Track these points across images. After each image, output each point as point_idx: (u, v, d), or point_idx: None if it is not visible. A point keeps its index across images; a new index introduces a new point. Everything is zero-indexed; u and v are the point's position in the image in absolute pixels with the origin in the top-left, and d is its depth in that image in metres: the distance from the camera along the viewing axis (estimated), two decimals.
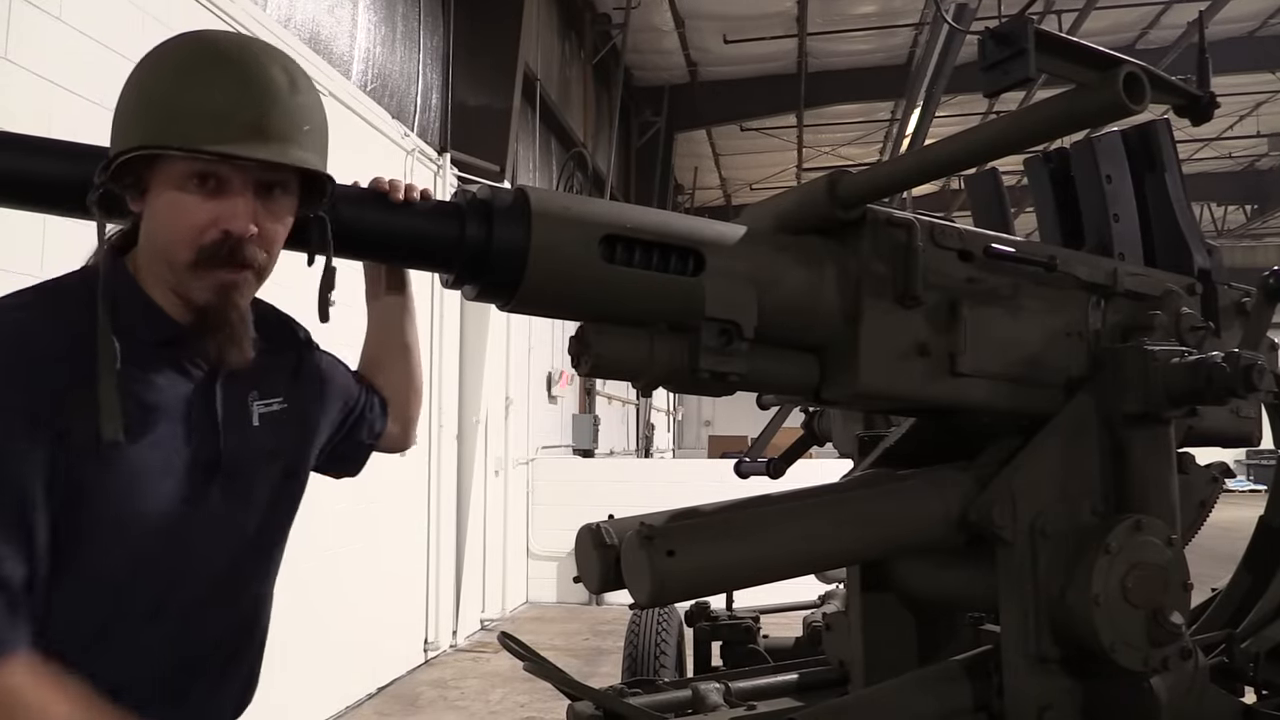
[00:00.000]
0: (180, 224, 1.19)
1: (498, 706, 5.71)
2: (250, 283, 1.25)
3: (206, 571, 1.29)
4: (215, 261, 1.20)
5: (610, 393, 13.44)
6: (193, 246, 1.19)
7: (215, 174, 1.18)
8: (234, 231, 1.19)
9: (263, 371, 1.36)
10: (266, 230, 1.22)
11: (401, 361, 1.68)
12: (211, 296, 1.22)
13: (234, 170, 1.18)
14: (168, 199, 1.19)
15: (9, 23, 3.17)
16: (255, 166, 1.18)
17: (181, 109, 1.15)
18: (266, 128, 1.17)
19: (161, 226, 1.21)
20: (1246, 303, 1.73)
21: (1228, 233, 21.02)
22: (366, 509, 5.78)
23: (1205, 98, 1.25)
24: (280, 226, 1.24)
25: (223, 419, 1.30)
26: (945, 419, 1.55)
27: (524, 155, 9.40)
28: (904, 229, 1.34)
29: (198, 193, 1.18)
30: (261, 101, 1.18)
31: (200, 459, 1.27)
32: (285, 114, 1.20)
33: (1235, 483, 17.53)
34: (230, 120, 1.15)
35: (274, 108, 1.19)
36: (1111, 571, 1.30)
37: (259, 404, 1.37)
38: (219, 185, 1.18)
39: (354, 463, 1.65)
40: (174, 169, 1.18)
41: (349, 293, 1.64)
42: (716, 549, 1.25)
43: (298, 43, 5.22)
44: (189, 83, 1.17)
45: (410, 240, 1.24)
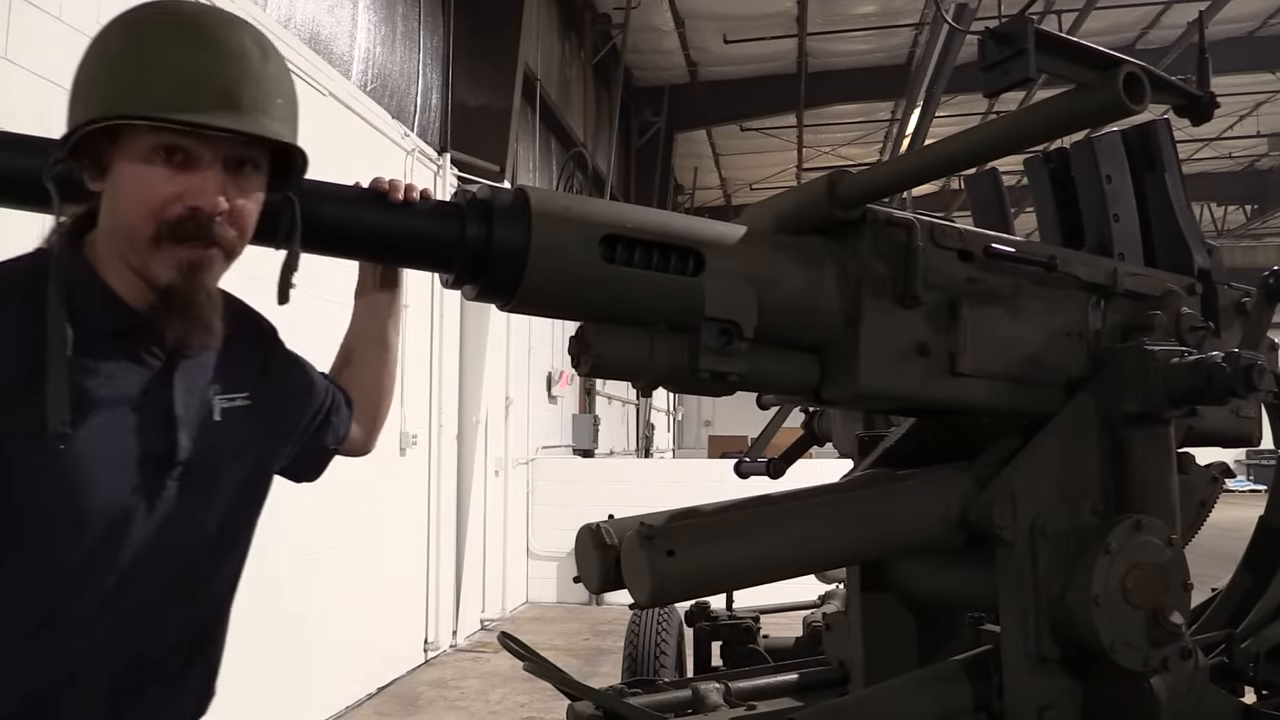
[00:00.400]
0: (144, 198, 1.12)
1: (498, 706, 5.71)
2: (219, 262, 1.17)
3: (163, 568, 1.23)
4: (180, 238, 1.13)
5: (610, 393, 13.44)
6: (155, 220, 1.12)
7: (183, 147, 1.11)
8: (203, 207, 1.12)
9: (227, 366, 1.31)
10: (236, 207, 1.15)
11: (377, 360, 1.63)
12: (176, 275, 1.14)
13: (204, 143, 1.11)
14: (131, 173, 1.12)
15: (9, 23, 3.17)
16: (226, 140, 1.12)
17: (148, 77, 1.08)
18: (238, 98, 1.11)
19: (124, 201, 1.14)
20: (1246, 303, 1.73)
21: (1228, 233, 21.02)
22: (367, 509, 5.78)
23: (1205, 98, 1.25)
24: (251, 204, 1.17)
25: (180, 412, 1.24)
26: (945, 419, 1.55)
27: (524, 155, 9.40)
28: (904, 229, 1.34)
29: (164, 166, 1.11)
30: (233, 70, 1.11)
31: (155, 452, 1.21)
32: (257, 84, 1.13)
33: (1235, 483, 17.53)
34: (200, 89, 1.09)
35: (245, 77, 1.12)
36: (1111, 571, 1.30)
37: (221, 398, 1.30)
38: (187, 159, 1.12)
39: (315, 467, 1.58)
40: (139, 141, 1.11)
41: (341, 291, 1.64)
42: (716, 549, 1.25)
43: (298, 43, 5.22)
44: (154, 50, 1.10)
45: (410, 240, 1.24)
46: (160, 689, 1.28)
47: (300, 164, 1.19)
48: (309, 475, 1.59)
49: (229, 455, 1.30)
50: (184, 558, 1.26)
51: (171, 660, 1.29)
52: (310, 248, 1.27)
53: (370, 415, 1.64)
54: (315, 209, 1.22)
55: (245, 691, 4.35)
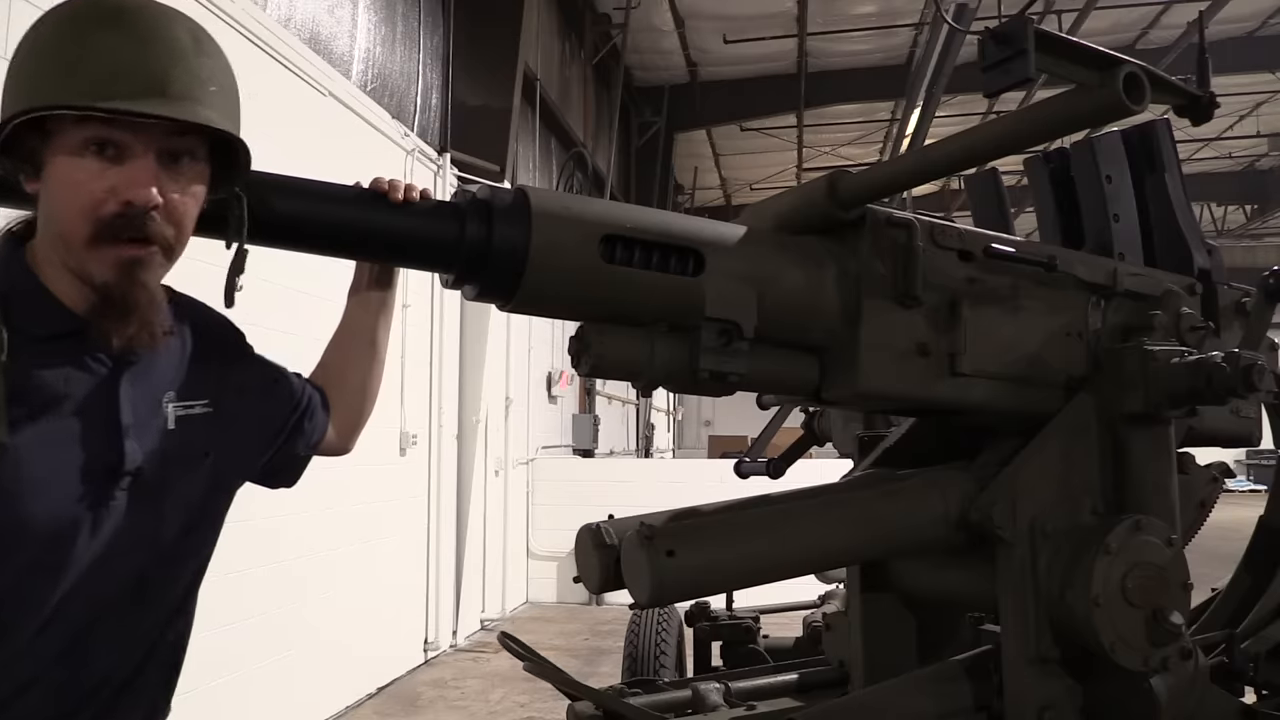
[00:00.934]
0: (76, 195, 1.08)
1: (498, 706, 5.71)
2: (157, 260, 1.13)
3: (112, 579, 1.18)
4: (115, 236, 1.09)
5: (610, 393, 13.44)
6: (90, 219, 1.08)
7: (113, 140, 1.07)
8: (135, 202, 1.08)
9: (184, 372, 1.27)
10: (172, 202, 1.11)
11: (363, 360, 1.59)
12: (111, 275, 1.10)
13: (134, 135, 1.08)
14: (63, 170, 1.09)
15: (9, 23, 3.17)
16: (158, 131, 1.08)
17: (72, 68, 1.05)
18: (167, 86, 1.07)
19: (57, 201, 1.10)
20: (1246, 303, 1.73)
21: (1228, 233, 21.01)
22: (366, 509, 5.78)
23: (1205, 98, 1.25)
24: (188, 199, 1.13)
25: (127, 419, 1.19)
26: (945, 419, 1.55)
27: (524, 155, 9.40)
28: (904, 229, 1.34)
29: (95, 160, 1.08)
30: (160, 57, 1.08)
31: (101, 461, 1.16)
32: (188, 72, 1.09)
33: (1235, 483, 17.52)
34: (126, 76, 1.05)
35: (175, 65, 1.08)
36: (1111, 571, 1.30)
37: (176, 405, 1.26)
38: (118, 152, 1.08)
39: (289, 473, 1.53)
40: (69, 138, 1.08)
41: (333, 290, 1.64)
42: (716, 549, 1.25)
43: (298, 43, 5.22)
44: (82, 41, 1.07)
45: (410, 240, 1.24)
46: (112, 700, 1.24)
47: (243, 157, 1.15)
48: (284, 482, 1.54)
49: (183, 464, 1.26)
50: (134, 568, 1.21)
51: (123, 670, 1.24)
52: (310, 248, 1.27)
53: (351, 416, 1.60)
54: (315, 209, 1.22)
55: (245, 691, 4.35)
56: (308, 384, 1.54)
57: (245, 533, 1.42)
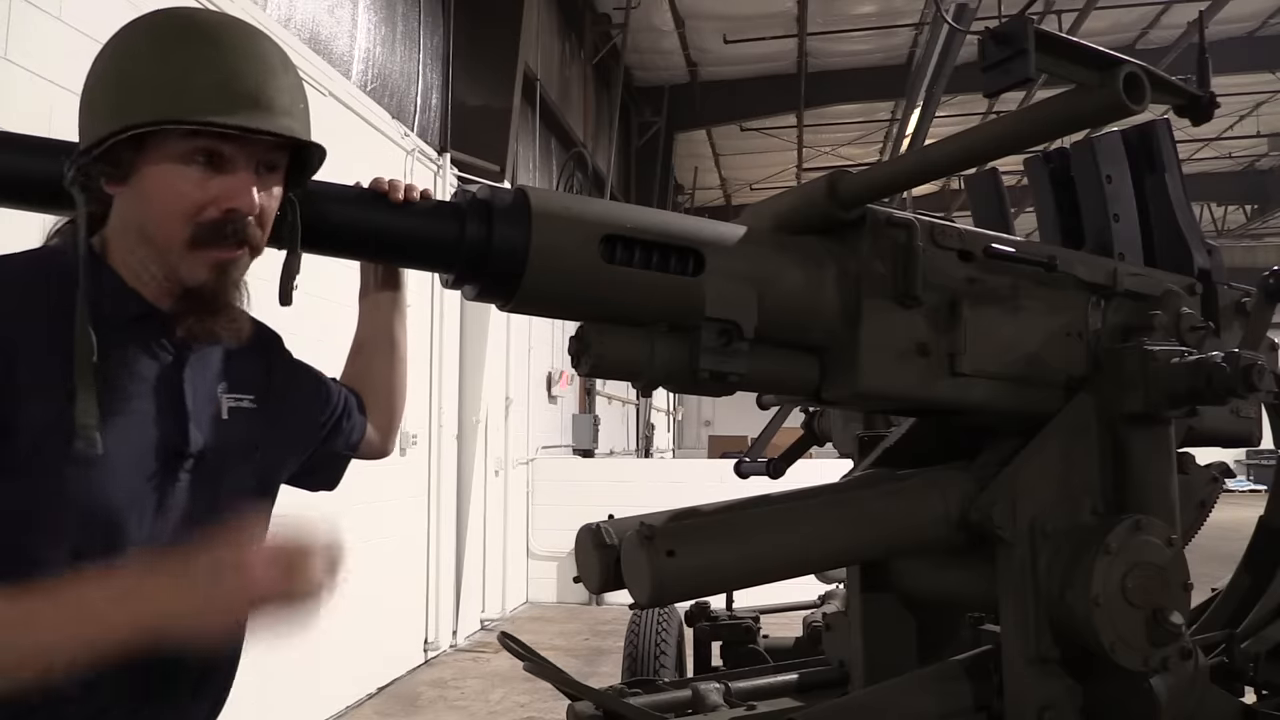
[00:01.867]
0: (179, 201, 1.14)
1: (498, 706, 5.71)
2: (246, 260, 1.21)
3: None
4: (213, 240, 1.15)
5: (610, 393, 13.44)
6: (190, 223, 1.14)
7: (218, 150, 1.13)
8: (240, 209, 1.14)
9: (234, 367, 1.32)
10: (264, 207, 1.18)
11: (386, 359, 1.63)
12: (207, 275, 1.17)
13: (238, 147, 1.13)
14: (164, 177, 1.13)
15: (9, 23, 3.17)
16: (260, 145, 1.14)
17: (181, 82, 1.10)
18: (271, 101, 1.14)
19: (156, 206, 1.15)
20: (1246, 303, 1.73)
21: (1228, 233, 21.01)
22: (367, 509, 5.78)
23: (1205, 98, 1.25)
24: (275, 205, 1.20)
25: (191, 404, 1.24)
26: (945, 419, 1.55)
27: (524, 155, 9.40)
28: (904, 229, 1.34)
29: (199, 169, 1.13)
30: (261, 74, 1.14)
31: (168, 442, 1.21)
32: (283, 89, 1.17)
33: (1235, 483, 17.54)
34: (234, 92, 1.11)
35: (271, 81, 1.15)
36: (1111, 571, 1.30)
37: (228, 397, 1.31)
38: (222, 162, 1.14)
39: (331, 474, 1.58)
40: (171, 146, 1.12)
41: (345, 293, 1.64)
42: (716, 549, 1.25)
43: (298, 43, 5.22)
44: (182, 55, 1.12)
45: (410, 240, 1.24)
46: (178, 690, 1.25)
47: (317, 165, 1.22)
48: (327, 484, 1.58)
49: (236, 453, 1.30)
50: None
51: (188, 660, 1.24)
52: (310, 248, 1.27)
53: (385, 416, 1.64)
54: (316, 209, 1.22)
55: (245, 691, 4.35)
56: (342, 388, 1.58)
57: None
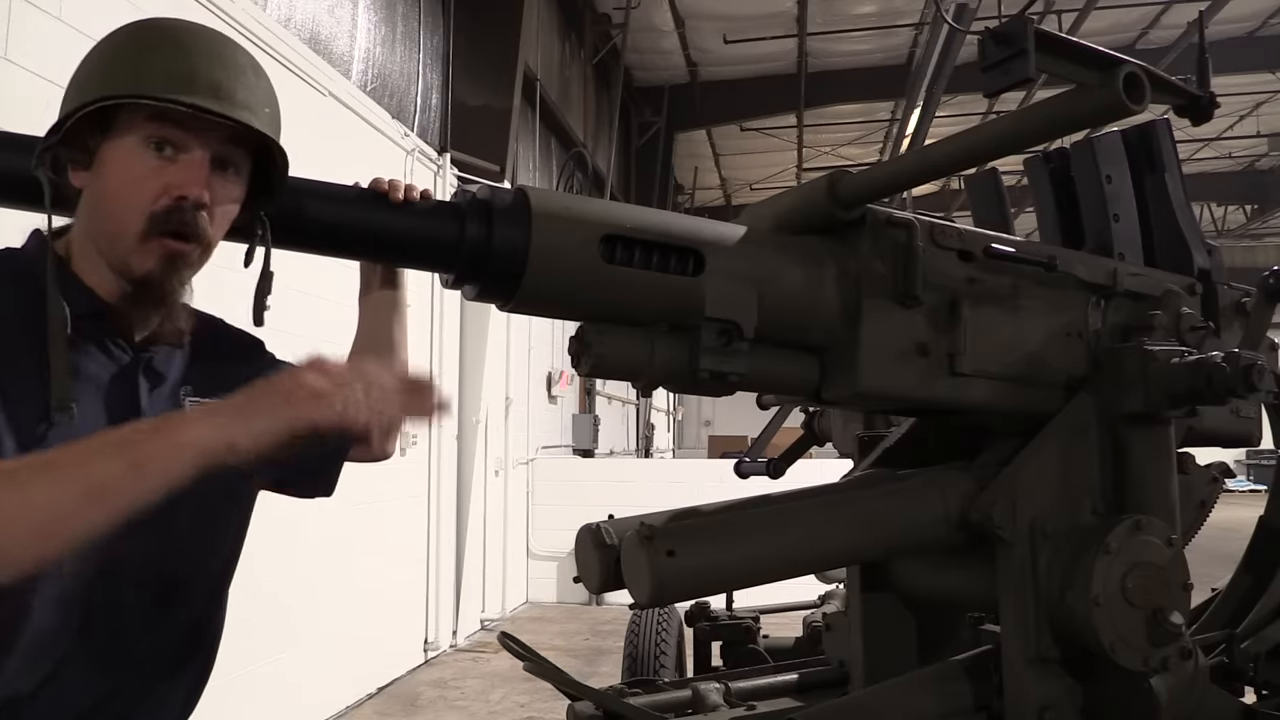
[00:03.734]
0: (133, 189, 1.15)
1: (498, 706, 5.71)
2: (194, 258, 1.20)
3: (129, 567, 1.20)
4: (165, 230, 1.15)
5: (610, 393, 13.44)
6: (145, 214, 1.15)
7: (172, 139, 1.15)
8: (189, 196, 1.15)
9: (201, 371, 1.32)
10: (216, 205, 1.18)
11: (385, 359, 1.62)
12: (155, 266, 1.17)
13: (193, 136, 1.15)
14: (121, 162, 1.15)
15: (9, 23, 3.17)
16: (214, 137, 1.15)
17: (143, 68, 1.12)
18: (232, 94, 1.15)
19: (112, 192, 1.17)
20: (1246, 303, 1.72)
21: (1228, 233, 21.02)
22: (367, 509, 5.78)
23: (1205, 98, 1.25)
24: (230, 205, 1.20)
25: (146, 407, 1.24)
26: (945, 419, 1.55)
27: (524, 155, 9.41)
28: (904, 229, 1.34)
29: (154, 157, 1.15)
30: (228, 70, 1.16)
31: None
32: (249, 89, 1.18)
33: (1235, 483, 17.54)
34: (194, 80, 1.13)
35: (237, 81, 1.17)
36: (1111, 571, 1.30)
37: (192, 400, 1.30)
38: (175, 151, 1.15)
39: (325, 479, 1.56)
40: (131, 132, 1.14)
41: (346, 293, 1.64)
42: (716, 549, 1.25)
43: (298, 43, 5.22)
44: (153, 48, 1.15)
45: (410, 240, 1.24)
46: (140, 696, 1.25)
47: (282, 174, 1.21)
48: (320, 489, 1.56)
49: None
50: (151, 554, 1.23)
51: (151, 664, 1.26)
52: (310, 248, 1.27)
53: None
54: (315, 209, 1.22)
55: (246, 691, 4.35)
56: None
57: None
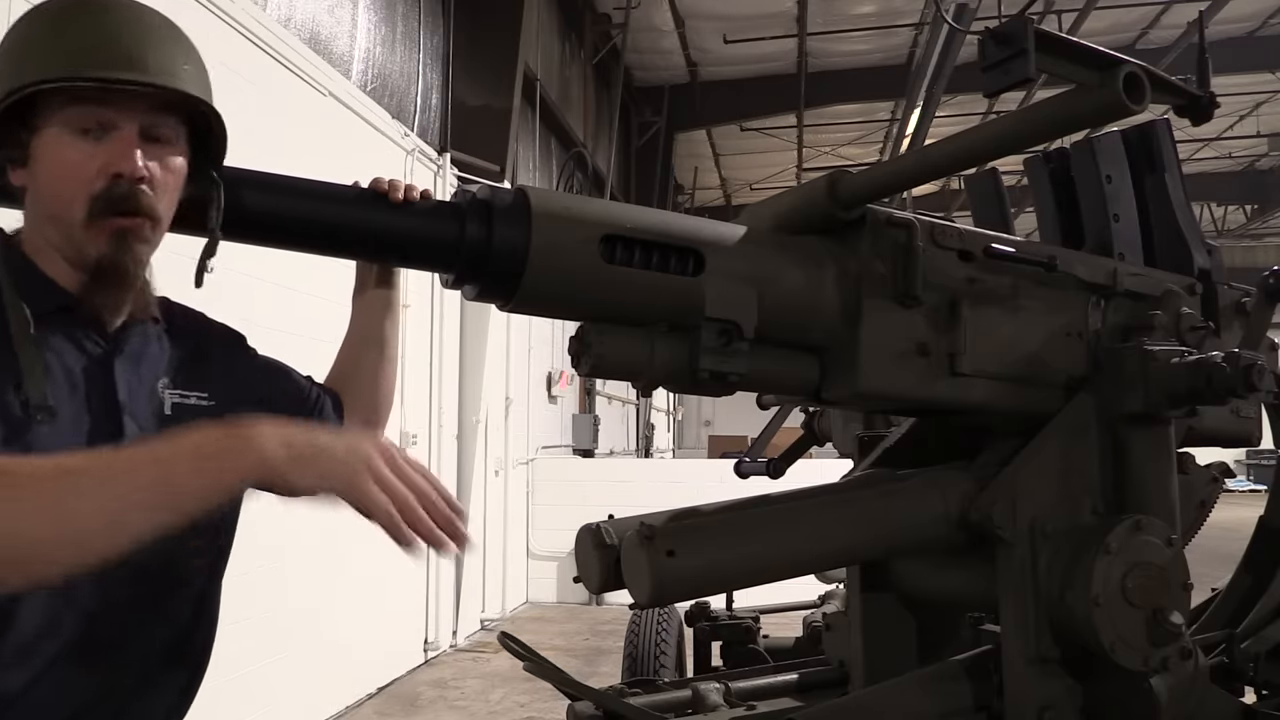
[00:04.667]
0: (69, 177, 1.14)
1: (498, 706, 5.71)
2: (146, 232, 1.18)
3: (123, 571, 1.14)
4: (108, 210, 1.14)
5: (610, 393, 13.44)
6: (85, 199, 1.14)
7: (98, 119, 1.14)
8: (124, 172, 1.13)
9: (180, 364, 1.31)
10: (156, 175, 1.16)
11: (375, 359, 1.61)
12: (106, 247, 1.16)
13: (117, 112, 1.14)
14: (52, 153, 1.14)
15: (9, 23, 3.17)
16: (139, 108, 1.14)
17: (54, 50, 1.11)
18: (144, 60, 1.13)
19: (49, 185, 1.16)
20: (1246, 303, 1.72)
21: (1228, 233, 21.02)
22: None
23: (1205, 98, 1.25)
24: (169, 174, 1.18)
25: (124, 398, 1.23)
26: (945, 419, 1.55)
27: (524, 155, 9.41)
28: (904, 229, 1.34)
29: (83, 142, 1.14)
30: (138, 37, 1.14)
31: (101, 435, 1.18)
32: (162, 50, 1.16)
33: (1235, 483, 17.53)
34: (105, 52, 1.11)
35: (150, 44, 1.15)
36: (1111, 571, 1.30)
37: (172, 393, 1.29)
38: (103, 131, 1.14)
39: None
40: (55, 121, 1.13)
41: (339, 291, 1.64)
42: (716, 549, 1.25)
43: (298, 43, 5.22)
44: (58, 29, 1.14)
45: (410, 240, 1.24)
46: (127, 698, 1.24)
47: (217, 132, 1.20)
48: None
49: None
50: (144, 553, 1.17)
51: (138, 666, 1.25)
52: (310, 248, 1.27)
53: (369, 418, 1.61)
54: (315, 209, 1.22)
55: (246, 691, 4.35)
56: (318, 386, 1.55)
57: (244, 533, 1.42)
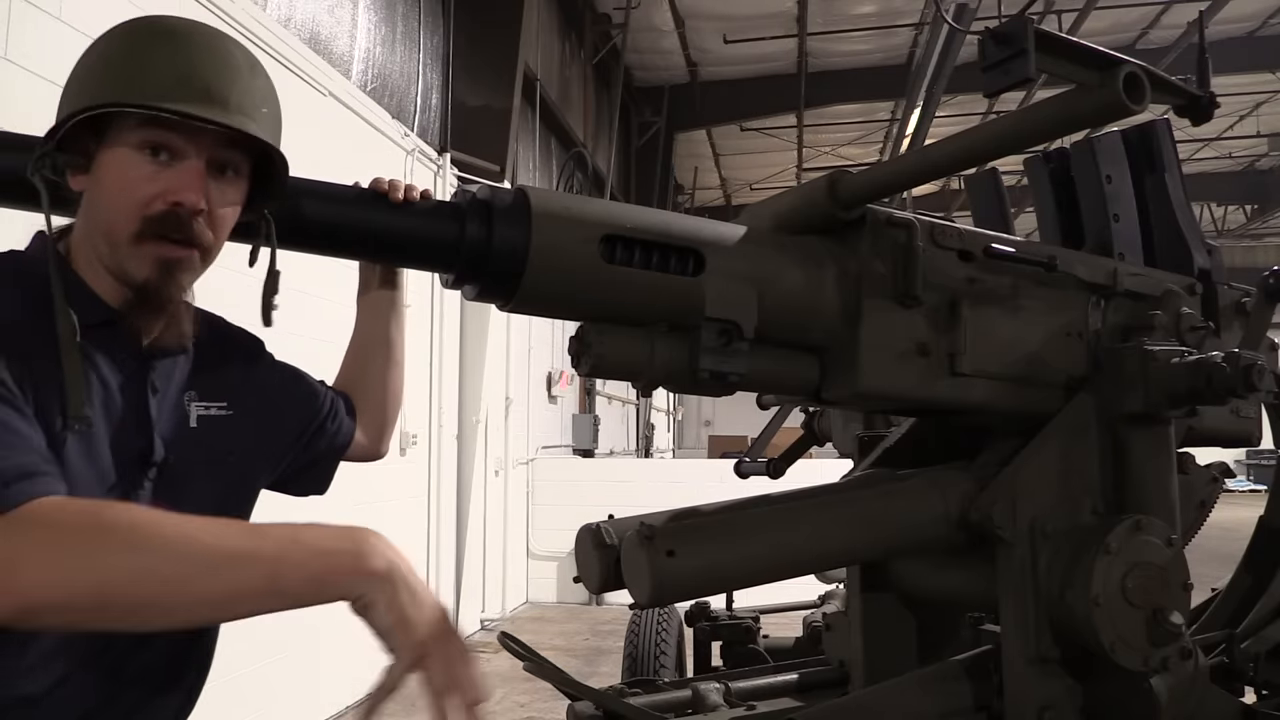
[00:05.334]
0: (128, 193, 1.13)
1: (498, 706, 5.71)
2: (195, 264, 1.18)
3: None
4: (160, 235, 1.14)
5: (610, 393, 13.44)
6: (138, 217, 1.13)
7: (168, 144, 1.13)
8: (185, 204, 1.13)
9: (203, 375, 1.32)
10: (215, 210, 1.16)
11: (382, 362, 1.63)
12: (152, 272, 1.15)
13: (188, 141, 1.13)
14: (116, 167, 1.14)
15: (9, 23, 3.17)
16: (210, 141, 1.14)
17: (137, 72, 1.11)
18: (226, 98, 1.13)
19: (108, 197, 1.15)
20: (1246, 303, 1.72)
21: (1228, 233, 21.02)
22: (366, 509, 5.77)
23: (1205, 98, 1.25)
24: (229, 210, 1.18)
25: (154, 413, 1.23)
26: (945, 419, 1.55)
27: (524, 155, 9.41)
28: (904, 229, 1.34)
29: (149, 162, 1.13)
30: (222, 72, 1.14)
31: (131, 450, 1.20)
32: (245, 90, 1.16)
33: (1235, 483, 17.54)
34: (188, 84, 1.11)
35: (234, 81, 1.15)
36: (1111, 571, 1.30)
37: (197, 405, 1.30)
38: (171, 156, 1.14)
39: (318, 478, 1.56)
40: (125, 137, 1.13)
41: (344, 293, 1.64)
42: (716, 549, 1.25)
43: (298, 43, 5.21)
44: (147, 51, 1.13)
45: (410, 240, 1.24)
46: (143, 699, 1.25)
47: (281, 171, 1.19)
48: (314, 488, 1.57)
49: (205, 461, 1.29)
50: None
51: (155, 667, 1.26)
52: (310, 248, 1.27)
53: (378, 418, 1.63)
54: (315, 209, 1.22)
55: (245, 691, 4.35)
56: (331, 390, 1.57)
57: None
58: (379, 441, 1.65)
